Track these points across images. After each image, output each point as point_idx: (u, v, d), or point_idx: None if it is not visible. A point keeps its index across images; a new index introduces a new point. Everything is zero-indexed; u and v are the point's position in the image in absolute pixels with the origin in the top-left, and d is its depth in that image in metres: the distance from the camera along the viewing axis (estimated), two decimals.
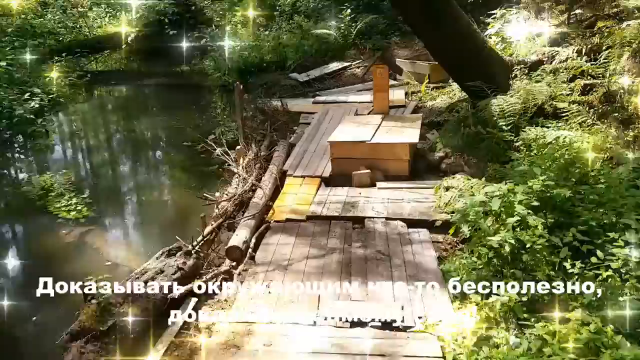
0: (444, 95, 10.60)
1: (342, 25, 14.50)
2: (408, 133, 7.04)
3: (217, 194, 6.57)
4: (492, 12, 10.13)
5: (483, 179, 5.60)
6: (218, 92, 13.55)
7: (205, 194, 6.56)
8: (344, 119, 8.31)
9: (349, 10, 14.60)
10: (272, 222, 5.88)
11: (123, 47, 17.68)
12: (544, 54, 8.57)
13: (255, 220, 5.73)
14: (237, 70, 14.50)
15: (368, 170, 6.79)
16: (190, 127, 10.56)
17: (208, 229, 5.50)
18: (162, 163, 10.16)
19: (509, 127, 6.75)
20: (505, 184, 4.69)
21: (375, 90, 7.94)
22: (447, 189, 5.81)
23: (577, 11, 9.33)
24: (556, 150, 5.25)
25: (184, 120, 11.51)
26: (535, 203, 4.39)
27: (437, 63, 11.86)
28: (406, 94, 11.01)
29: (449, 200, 5.52)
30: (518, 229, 4.30)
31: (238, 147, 7.63)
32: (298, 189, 6.75)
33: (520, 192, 4.49)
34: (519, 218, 4.31)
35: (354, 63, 13.63)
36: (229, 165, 7.39)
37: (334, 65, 13.57)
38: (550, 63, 8.23)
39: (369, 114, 8.23)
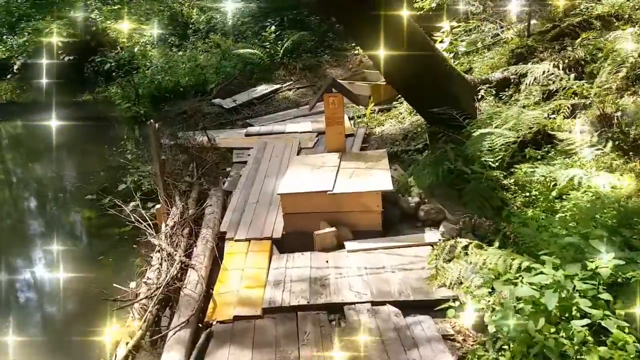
0: (391, 119, 9.28)
1: (267, 43, 12.93)
2: (377, 177, 5.53)
3: (132, 285, 4.71)
4: (440, 25, 8.99)
5: (497, 244, 4.18)
6: (129, 125, 11.43)
7: (114, 288, 4.66)
8: (292, 160, 6.67)
9: (272, 27, 13.06)
10: (214, 322, 4.13)
11: (8, 76, 15.01)
12: (508, 70, 7.47)
13: (190, 328, 3.95)
14: (149, 97, 12.49)
15: (333, 229, 5.21)
16: (96, 172, 8.50)
17: (119, 356, 3.62)
18: (57, 226, 7.56)
19: (497, 164, 5.46)
20: (556, 269, 3.26)
21: (328, 124, 6.39)
22: (448, 259, 4.34)
23: (532, 21, 8.37)
24: (590, 201, 3.96)
25: (87, 163, 9.39)
26: (606, 296, 3.01)
27: (377, 83, 10.63)
28: (350, 119, 9.60)
29: (457, 278, 4.04)
30: (588, 335, 2.90)
31: (157, 205, 5.78)
32: (244, 261, 5.03)
33: (577, 276, 3.11)
34: (589, 321, 2.91)
35: (284, 85, 12.07)
36: (147, 233, 5.51)
37: (263, 88, 11.94)
38: (519, 81, 7.12)
39: (328, 152, 6.65)
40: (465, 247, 4.02)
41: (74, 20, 14.93)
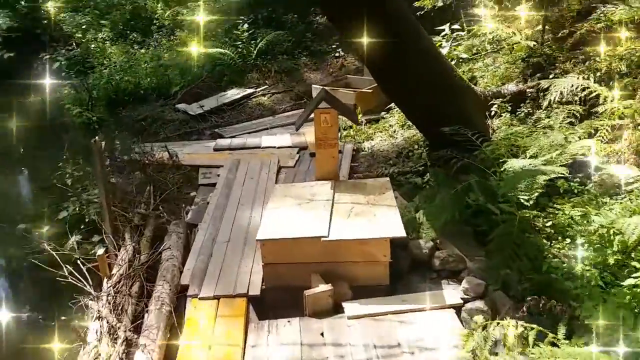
0: (381, 132, 8.12)
1: (239, 43, 11.57)
2: (383, 217, 4.32)
3: None
4: (440, 28, 7.88)
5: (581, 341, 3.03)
6: (78, 134, 9.88)
7: None
8: (272, 189, 5.37)
9: (245, 26, 11.71)
10: None
11: None
12: (524, 82, 6.40)
13: None
14: (105, 100, 10.99)
15: (328, 287, 3.99)
16: (35, 193, 7.04)
17: None
18: None
19: (531, 201, 4.34)
20: None
21: (318, 145, 5.14)
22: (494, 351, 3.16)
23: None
24: None
25: (27, 180, 7.91)
26: None
27: (364, 90, 9.46)
28: None
29: None
30: None
31: (100, 250, 4.42)
32: (211, 333, 3.76)
33: None
34: None
35: (258, 90, 10.75)
36: (84, 291, 4.15)
37: (234, 93, 10.60)
38: (537, 96, 6.05)
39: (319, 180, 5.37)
40: (524, 338, 2.85)
41: (19, 10, 13.20)
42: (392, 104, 8.59)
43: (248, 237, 4.98)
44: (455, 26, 7.58)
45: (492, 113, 6.09)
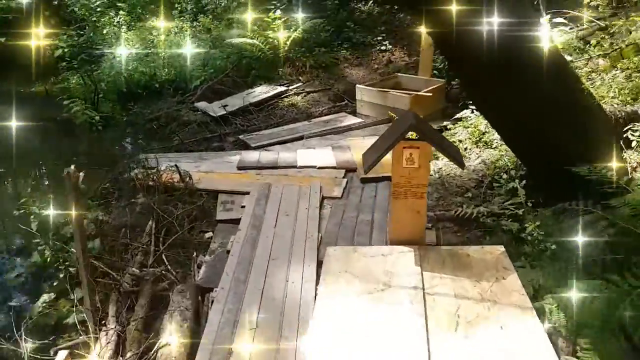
0: None
1: (270, 32, 9.87)
2: (515, 332, 2.61)
3: None
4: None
5: None
6: (80, 137, 8.25)
7: None
8: (326, 258, 3.53)
9: (277, 12, 9.99)
10: None
11: None
12: None
13: None
14: (115, 94, 9.45)
15: None
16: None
17: None
18: None
19: None
20: None
21: (395, 194, 3.37)
22: None
23: None
24: None
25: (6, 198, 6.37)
26: None
27: (420, 93, 7.71)
28: None
29: None
30: None
31: (61, 353, 2.81)
32: None
33: None
34: None
35: (291, 87, 9.07)
36: None
37: (262, 91, 8.93)
38: None
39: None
40: None
41: None
42: (463, 112, 6.88)
43: (284, 319, 3.33)
44: (559, 19, 5.75)
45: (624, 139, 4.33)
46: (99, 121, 7.79)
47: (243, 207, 4.91)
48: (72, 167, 3.31)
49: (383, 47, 9.88)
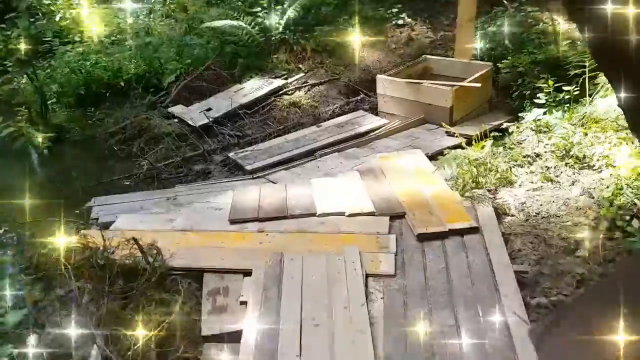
0: (524, 163, 4.51)
1: (259, 9, 7.80)
2: None
3: None
4: None
5: None
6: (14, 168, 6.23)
7: None
8: None
9: None
10: None
11: None
12: None
13: None
14: (73, 97, 7.42)
15: None
16: None
17: None
18: None
19: None
20: None
21: None
22: None
23: None
24: None
25: None
26: None
27: (468, 84, 5.77)
28: (432, 157, 4.78)
29: None
30: None
31: None
32: None
33: None
34: None
35: (290, 80, 7.07)
36: None
37: (254, 86, 6.94)
38: None
39: None
40: None
41: None
42: (535, 112, 5.01)
43: None
44: None
45: None
46: (43, 144, 5.79)
47: (243, 303, 3.04)
48: None
49: (400, 21, 7.86)
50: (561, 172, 4.29)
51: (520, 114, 5.67)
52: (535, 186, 4.19)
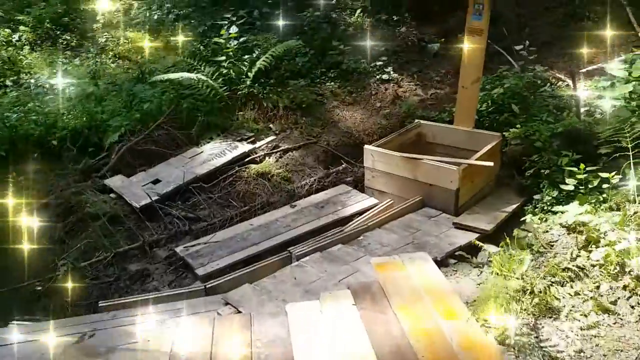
0: (556, 276, 3.38)
1: (224, 58, 6.65)
2: None
3: None
4: None
5: None
6: None
7: None
8: None
9: (233, 29, 6.78)
10: None
11: None
12: None
13: None
14: None
15: None
16: None
17: None
18: None
19: None
20: None
21: None
22: None
23: None
24: None
25: None
26: None
27: (479, 163, 4.68)
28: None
29: None
30: None
31: None
32: None
33: None
34: None
35: (258, 144, 5.88)
36: None
37: (214, 151, 5.70)
38: None
39: None
40: None
41: None
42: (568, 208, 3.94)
43: None
44: None
45: None
46: None
47: None
48: None
49: (385, 76, 6.84)
50: (618, 298, 3.18)
51: (536, 197, 4.65)
52: (588, 321, 3.06)
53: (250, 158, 5.64)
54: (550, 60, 6.54)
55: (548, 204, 4.52)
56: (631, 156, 3.93)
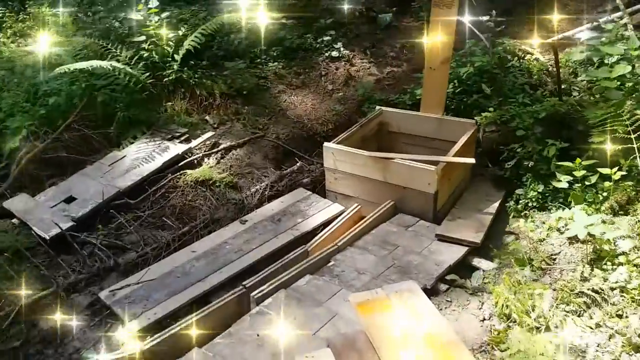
0: (569, 304, 2.83)
1: (144, 39, 5.53)
2: None
3: None
4: None
5: None
6: None
7: None
8: None
9: (154, 2, 5.63)
10: None
11: None
12: None
13: None
14: None
15: None
16: None
17: None
18: None
19: None
20: None
21: None
22: None
23: None
24: None
25: None
26: None
27: (458, 160, 4.00)
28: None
29: None
30: None
31: None
32: None
33: None
34: None
35: (195, 143, 4.92)
36: None
37: (138, 155, 4.69)
38: None
39: None
40: None
41: None
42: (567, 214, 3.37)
43: None
44: None
45: None
46: None
47: None
48: None
49: (335, 53, 6.00)
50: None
51: (518, 191, 4.11)
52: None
53: (185, 161, 4.69)
54: (513, 30, 5.95)
55: (533, 200, 3.99)
56: (636, 149, 3.40)
